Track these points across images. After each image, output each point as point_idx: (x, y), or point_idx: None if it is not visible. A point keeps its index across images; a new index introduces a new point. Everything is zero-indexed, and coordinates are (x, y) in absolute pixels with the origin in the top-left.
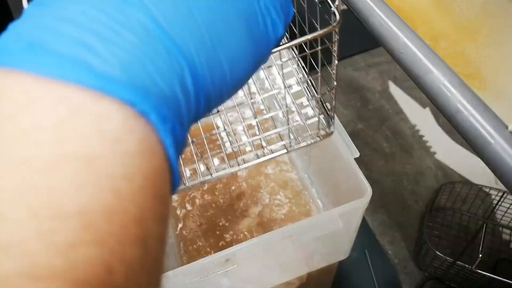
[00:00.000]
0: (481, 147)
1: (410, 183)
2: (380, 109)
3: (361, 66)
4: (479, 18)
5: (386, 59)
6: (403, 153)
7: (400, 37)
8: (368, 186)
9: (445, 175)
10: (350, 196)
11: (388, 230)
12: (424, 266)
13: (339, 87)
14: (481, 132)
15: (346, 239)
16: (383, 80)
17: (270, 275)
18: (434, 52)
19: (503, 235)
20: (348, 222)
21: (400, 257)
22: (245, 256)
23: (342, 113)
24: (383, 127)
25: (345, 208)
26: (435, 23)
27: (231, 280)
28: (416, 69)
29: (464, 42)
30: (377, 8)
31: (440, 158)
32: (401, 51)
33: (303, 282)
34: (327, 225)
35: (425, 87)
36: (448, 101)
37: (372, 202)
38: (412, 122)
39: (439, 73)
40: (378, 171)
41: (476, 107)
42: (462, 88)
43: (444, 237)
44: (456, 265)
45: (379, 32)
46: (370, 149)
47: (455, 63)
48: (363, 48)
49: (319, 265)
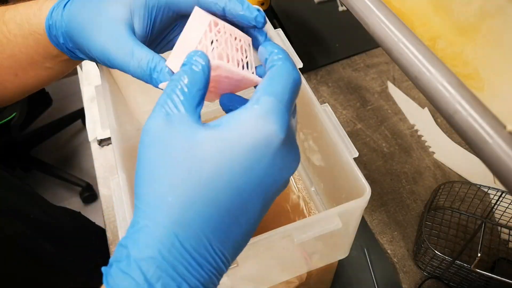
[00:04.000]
0: (479, 147)
1: (409, 182)
2: (379, 109)
3: (360, 67)
4: (477, 18)
5: (385, 60)
6: (401, 153)
7: (399, 38)
8: (367, 186)
9: (444, 175)
10: (349, 196)
11: (387, 229)
12: (423, 265)
13: (338, 87)
14: (480, 132)
15: (345, 238)
16: (382, 80)
17: (270, 274)
18: (432, 53)
19: (501, 235)
20: (347, 221)
21: (399, 256)
22: (245, 255)
23: (341, 113)
24: (382, 127)
25: (344, 207)
26: (434, 24)
27: (231, 279)
28: (415, 70)
29: (462, 43)
30: (376, 9)
31: (438, 158)
32: (400, 52)
33: (302, 281)
34: (326, 225)
35: (423, 88)
36: (447, 102)
37: (371, 202)
38: (410, 122)
39: (437, 73)
40: (377, 170)
41: (475, 107)
42: (460, 89)
43: (443, 237)
44: (455, 264)
45: (378, 33)
46: (369, 149)
47: (453, 64)
48: (362, 48)
49: (319, 264)
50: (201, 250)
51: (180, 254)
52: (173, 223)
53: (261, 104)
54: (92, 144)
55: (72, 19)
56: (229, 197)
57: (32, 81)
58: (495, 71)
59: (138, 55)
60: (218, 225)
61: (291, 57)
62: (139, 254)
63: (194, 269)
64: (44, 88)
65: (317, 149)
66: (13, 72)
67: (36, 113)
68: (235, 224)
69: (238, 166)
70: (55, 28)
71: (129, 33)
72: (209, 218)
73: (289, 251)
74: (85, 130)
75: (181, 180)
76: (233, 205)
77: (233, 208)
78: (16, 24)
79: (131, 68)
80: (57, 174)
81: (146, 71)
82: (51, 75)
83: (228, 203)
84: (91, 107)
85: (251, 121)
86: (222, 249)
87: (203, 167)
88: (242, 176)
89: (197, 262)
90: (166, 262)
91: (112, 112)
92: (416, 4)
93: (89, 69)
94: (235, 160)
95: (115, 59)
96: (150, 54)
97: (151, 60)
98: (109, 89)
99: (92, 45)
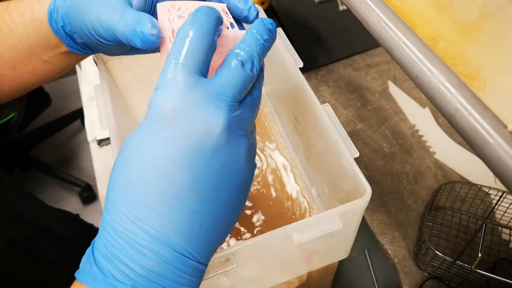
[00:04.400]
0: (480, 147)
1: (409, 182)
2: (380, 109)
3: (360, 66)
4: (478, 18)
5: (386, 59)
6: (402, 153)
7: (400, 37)
8: (367, 186)
9: (445, 175)
10: (350, 196)
11: (388, 229)
12: (423, 265)
13: (339, 87)
14: (481, 132)
15: (346, 238)
16: (382, 80)
17: (270, 274)
18: (433, 52)
19: (502, 235)
20: (348, 221)
21: (399, 257)
22: (245, 256)
23: (342, 113)
24: (382, 127)
25: (345, 207)
26: (435, 23)
27: (231, 279)
28: (416, 69)
29: (463, 42)
30: (376, 9)
31: (439, 158)
32: (401, 51)
33: (303, 281)
34: (327, 225)
35: (424, 87)
36: (448, 101)
37: (372, 202)
38: (411, 122)
39: (438, 73)
40: (377, 171)
41: (476, 107)
42: (461, 88)
43: (444, 237)
44: (456, 265)
45: (379, 32)
46: (370, 149)
47: (454, 63)
48: (362, 48)
49: (319, 264)
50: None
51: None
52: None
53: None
54: (91, 144)
55: (72, 2)
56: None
57: (29, 76)
58: (496, 71)
59: (128, 16)
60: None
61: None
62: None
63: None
64: (43, 87)
65: (318, 149)
66: (11, 65)
67: (35, 113)
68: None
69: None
70: (56, 12)
71: (124, 2)
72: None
73: (289, 252)
74: (84, 130)
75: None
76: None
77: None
78: (19, 13)
79: (119, 29)
80: (56, 174)
81: (131, 26)
82: (49, 70)
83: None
84: (90, 107)
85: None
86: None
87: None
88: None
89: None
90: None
91: (111, 112)
92: (417, 3)
93: (88, 69)
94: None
95: (106, 25)
96: (138, 13)
97: (137, 16)
98: (108, 88)
99: (87, 19)
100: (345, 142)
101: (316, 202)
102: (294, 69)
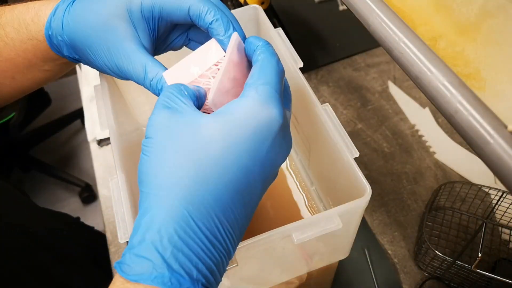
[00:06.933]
0: (480, 147)
1: (409, 182)
2: (380, 109)
3: (360, 66)
4: (478, 18)
5: (386, 59)
6: (402, 153)
7: (400, 37)
8: (367, 186)
9: (445, 175)
10: (350, 196)
11: (388, 229)
12: (423, 265)
13: (339, 87)
14: (481, 132)
15: (345, 238)
16: (382, 80)
17: (270, 274)
18: (433, 52)
19: (502, 235)
20: (347, 221)
21: (399, 257)
22: (245, 255)
23: (342, 113)
24: (382, 127)
25: (345, 207)
26: (435, 23)
27: (230, 280)
28: (416, 69)
29: (463, 42)
30: (376, 9)
31: (439, 158)
32: (401, 51)
33: (303, 281)
34: (326, 225)
35: (424, 87)
36: (448, 101)
37: (372, 202)
38: (411, 122)
39: (438, 73)
40: (377, 170)
41: (476, 107)
42: (461, 88)
43: (444, 237)
44: (456, 265)
45: (379, 32)
46: (370, 149)
47: (454, 63)
48: (362, 48)
49: (319, 264)
50: (213, 229)
51: (195, 234)
52: (187, 203)
53: (260, 92)
54: (91, 144)
55: (75, 34)
56: (237, 176)
57: (29, 83)
58: (496, 71)
59: (150, 69)
60: (228, 204)
61: (274, 50)
62: (155, 236)
63: (208, 249)
64: (43, 87)
65: (318, 149)
66: (10, 75)
67: (35, 113)
68: (242, 205)
69: (243, 146)
70: (56, 38)
71: (141, 49)
72: (220, 197)
73: (289, 252)
74: (84, 130)
75: (191, 160)
76: (241, 185)
77: (241, 188)
78: (13, 29)
79: (142, 83)
80: (56, 174)
81: (157, 89)
82: (49, 76)
83: (237, 182)
84: (90, 107)
85: (253, 106)
86: (231, 230)
87: (210, 147)
88: (248, 156)
89: (210, 241)
90: (183, 242)
91: (111, 112)
92: (417, 3)
93: (88, 69)
94: (240, 141)
95: (126, 74)
96: (156, 67)
97: (155, 75)
98: (108, 89)
99: (104, 62)
100: (345, 142)
101: (316, 202)
102: (294, 69)
